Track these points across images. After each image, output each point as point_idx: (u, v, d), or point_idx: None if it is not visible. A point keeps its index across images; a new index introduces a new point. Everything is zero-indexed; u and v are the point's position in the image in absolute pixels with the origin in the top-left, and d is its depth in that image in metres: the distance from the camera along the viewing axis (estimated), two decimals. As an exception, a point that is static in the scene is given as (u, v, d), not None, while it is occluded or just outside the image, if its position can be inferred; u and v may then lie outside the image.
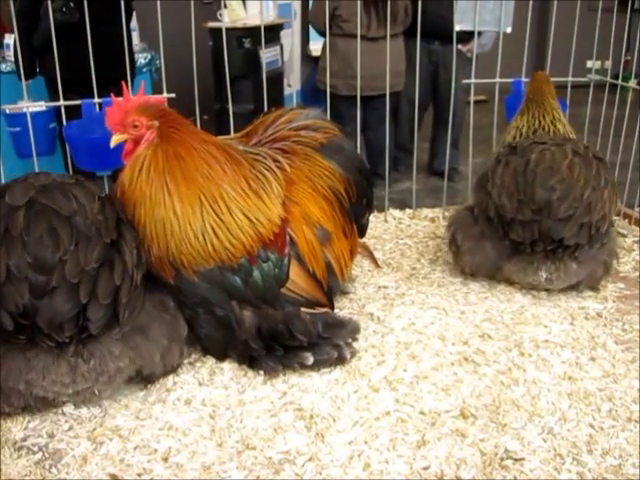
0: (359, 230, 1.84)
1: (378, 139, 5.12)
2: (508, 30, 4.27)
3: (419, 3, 2.42)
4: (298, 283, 1.59)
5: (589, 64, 2.55)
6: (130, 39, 4.24)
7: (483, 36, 4.76)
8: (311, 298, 1.61)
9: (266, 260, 1.54)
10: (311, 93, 5.68)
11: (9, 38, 5.11)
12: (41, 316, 1.28)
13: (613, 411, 1.46)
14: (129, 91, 1.58)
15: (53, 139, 2.98)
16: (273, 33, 6.21)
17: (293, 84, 6.81)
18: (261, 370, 1.58)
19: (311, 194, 1.67)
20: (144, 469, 1.31)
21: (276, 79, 6.21)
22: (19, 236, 1.29)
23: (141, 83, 1.67)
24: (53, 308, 1.28)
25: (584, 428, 1.40)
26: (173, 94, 2.22)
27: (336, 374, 1.59)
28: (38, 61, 4.12)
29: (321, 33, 5.13)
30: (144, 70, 5.41)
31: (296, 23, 7.06)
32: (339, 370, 1.60)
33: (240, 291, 1.54)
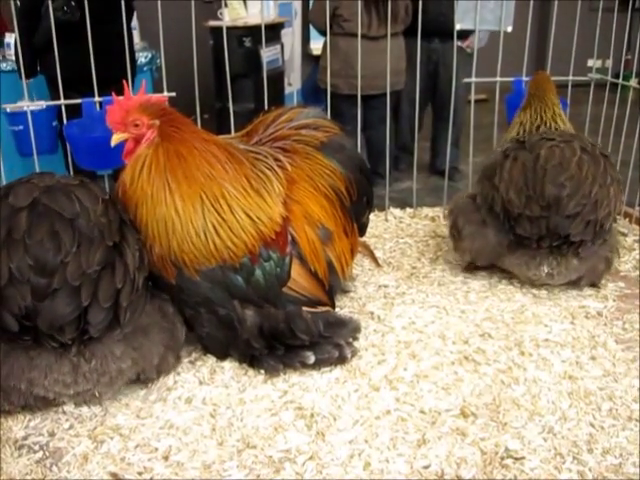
0: (359, 229, 1.83)
1: (379, 138, 5.11)
2: (509, 29, 4.27)
3: (419, 2, 2.42)
4: (300, 282, 1.59)
5: (590, 63, 2.55)
6: (131, 38, 4.24)
7: (467, 22, 4.73)
8: (313, 297, 1.61)
9: (268, 259, 1.54)
10: (311, 92, 5.67)
11: (10, 37, 5.11)
12: (42, 318, 1.28)
13: (613, 410, 1.46)
14: (130, 90, 1.58)
15: (54, 138, 2.98)
16: (274, 32, 6.21)
17: (294, 83, 6.81)
18: (262, 369, 1.59)
19: (312, 193, 1.67)
20: (145, 468, 1.31)
21: (277, 78, 6.21)
22: (21, 239, 1.29)
23: (142, 82, 1.66)
24: (54, 311, 1.28)
25: (584, 427, 1.41)
26: (174, 93, 2.22)
27: (337, 373, 1.59)
28: (39, 60, 4.12)
29: (322, 32, 5.12)
30: (145, 69, 5.41)
31: (297, 22, 7.05)
32: (339, 369, 1.60)
33: (242, 290, 1.53)
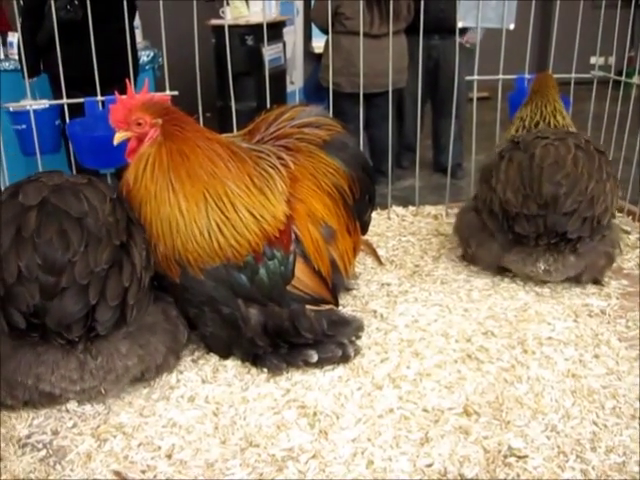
0: (362, 227, 1.83)
1: (381, 136, 5.11)
2: (511, 27, 4.27)
3: (422, 1, 2.41)
4: (303, 280, 1.59)
5: (592, 60, 2.54)
6: (133, 37, 4.25)
7: (469, 20, 4.72)
8: (316, 295, 1.61)
9: (272, 258, 1.54)
10: (314, 90, 5.67)
11: (13, 36, 5.11)
12: (50, 316, 1.30)
13: (617, 408, 1.46)
14: (132, 89, 1.58)
15: (58, 137, 2.98)
16: (276, 30, 6.20)
17: (296, 81, 6.80)
18: (265, 368, 1.59)
19: (315, 191, 1.66)
20: (148, 466, 1.31)
21: (279, 76, 6.21)
22: (30, 237, 1.30)
23: (145, 81, 1.66)
24: (62, 309, 1.30)
25: (588, 426, 1.40)
26: (176, 92, 2.22)
27: (339, 371, 1.59)
28: (43, 59, 4.12)
29: (324, 30, 5.11)
30: (147, 68, 5.41)
31: (299, 20, 7.04)
32: (342, 367, 1.60)
33: (246, 289, 1.53)
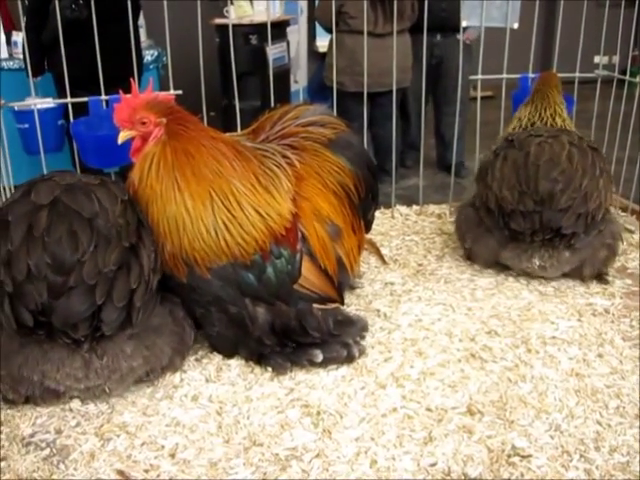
0: (365, 226, 1.83)
1: (385, 135, 5.08)
2: (515, 26, 4.25)
3: (425, 1, 2.41)
4: (310, 279, 1.59)
5: (596, 59, 2.54)
6: (138, 36, 4.24)
7: (474, 19, 4.72)
8: (323, 294, 1.61)
9: (279, 256, 1.54)
10: (318, 89, 5.66)
11: (17, 35, 5.11)
12: (57, 315, 1.31)
13: (621, 408, 1.45)
14: (137, 88, 1.58)
15: (61, 136, 2.98)
16: (280, 30, 6.19)
17: (300, 80, 6.78)
18: (270, 367, 1.59)
19: (321, 190, 1.66)
20: (151, 465, 1.31)
21: (283, 75, 6.19)
22: (40, 236, 1.32)
23: (149, 80, 1.66)
24: (69, 308, 1.31)
25: (591, 425, 1.40)
26: (180, 91, 2.22)
27: (343, 371, 1.59)
28: (47, 58, 4.12)
29: (328, 30, 5.11)
30: (151, 67, 5.40)
31: (303, 19, 7.03)
32: (346, 367, 1.60)
33: (253, 288, 1.53)
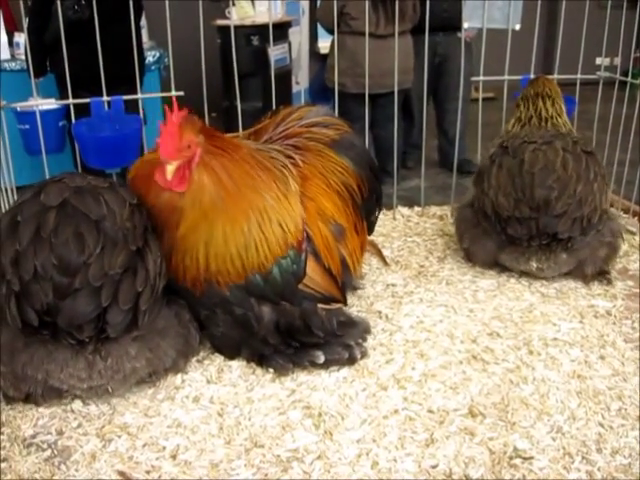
0: (368, 227, 1.83)
1: (387, 136, 5.10)
2: (517, 27, 4.25)
3: (427, 1, 2.41)
4: (314, 279, 1.59)
5: (598, 61, 2.53)
6: (140, 37, 4.25)
7: (475, 20, 4.72)
8: (327, 294, 1.61)
9: (285, 257, 1.54)
10: (319, 91, 5.67)
11: (19, 36, 5.12)
12: (62, 316, 1.31)
13: (622, 410, 1.45)
14: (139, 90, 1.56)
15: (62, 137, 2.99)
16: (281, 31, 6.20)
17: (301, 82, 6.80)
18: (271, 368, 1.59)
19: (325, 190, 1.66)
20: (152, 466, 1.31)
21: (284, 77, 6.20)
22: (48, 237, 1.32)
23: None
24: (74, 309, 1.31)
25: (593, 427, 1.40)
26: (182, 92, 2.22)
27: (344, 372, 1.59)
28: (49, 59, 4.13)
29: (329, 31, 5.11)
30: (153, 68, 5.41)
31: (304, 21, 7.04)
32: (348, 368, 1.60)
33: (259, 288, 1.53)
